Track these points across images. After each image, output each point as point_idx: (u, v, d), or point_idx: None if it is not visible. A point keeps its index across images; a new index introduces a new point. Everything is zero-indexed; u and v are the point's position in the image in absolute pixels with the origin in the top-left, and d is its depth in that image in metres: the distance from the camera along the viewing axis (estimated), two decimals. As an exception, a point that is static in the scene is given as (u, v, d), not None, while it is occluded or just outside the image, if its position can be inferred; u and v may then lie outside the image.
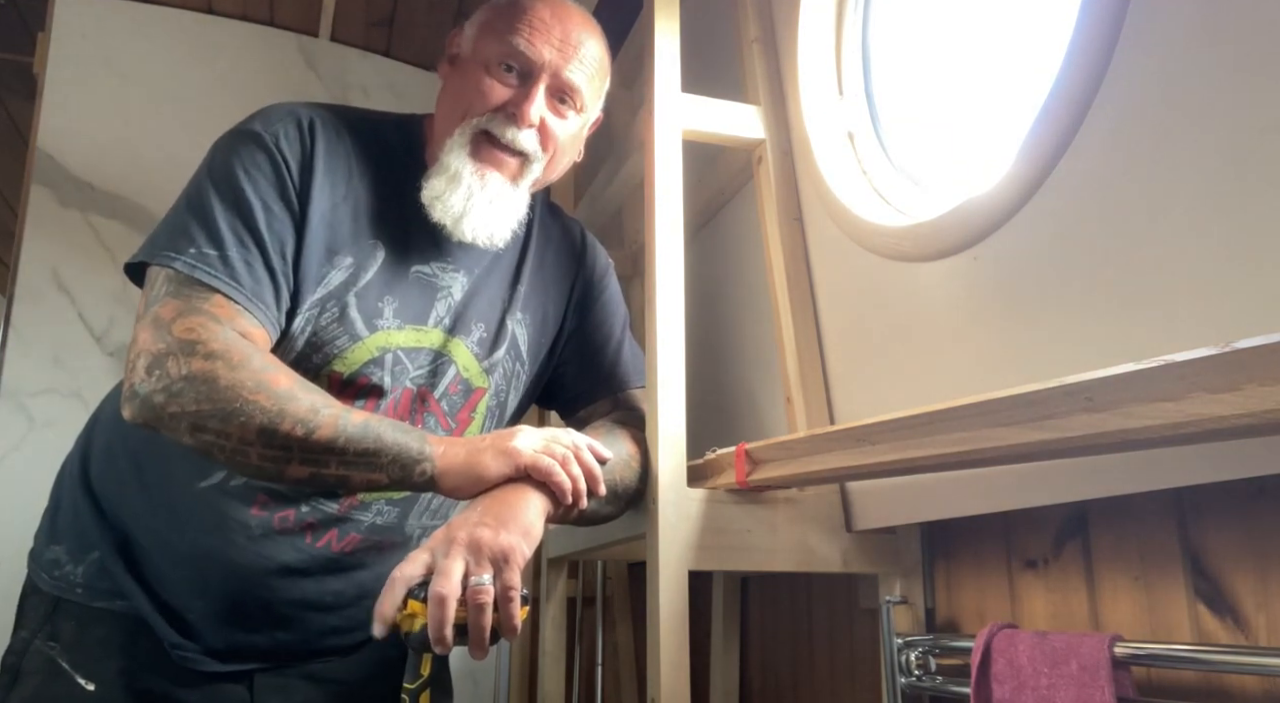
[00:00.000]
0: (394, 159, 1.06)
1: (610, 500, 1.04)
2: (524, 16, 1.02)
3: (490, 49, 1.03)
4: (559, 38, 1.03)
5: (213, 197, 0.94)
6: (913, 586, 1.11)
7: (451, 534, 0.85)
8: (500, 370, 1.11)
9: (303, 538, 1.01)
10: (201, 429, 0.86)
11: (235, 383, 0.86)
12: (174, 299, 0.90)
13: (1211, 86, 0.73)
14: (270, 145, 0.97)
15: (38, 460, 1.86)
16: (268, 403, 0.86)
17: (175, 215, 0.96)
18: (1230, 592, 0.76)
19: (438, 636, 0.79)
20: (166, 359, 0.87)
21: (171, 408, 0.86)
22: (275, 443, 0.87)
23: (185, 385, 0.86)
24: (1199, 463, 0.73)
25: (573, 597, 1.97)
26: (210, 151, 0.99)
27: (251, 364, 0.87)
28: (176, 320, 0.88)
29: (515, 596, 0.82)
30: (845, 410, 1.21)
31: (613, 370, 1.20)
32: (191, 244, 0.92)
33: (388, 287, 1.02)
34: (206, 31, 2.22)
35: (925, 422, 0.79)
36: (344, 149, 1.02)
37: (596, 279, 1.22)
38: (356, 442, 0.88)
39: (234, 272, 0.92)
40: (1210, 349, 0.56)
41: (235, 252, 0.92)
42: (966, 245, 0.99)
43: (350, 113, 1.07)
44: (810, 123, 1.31)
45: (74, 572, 1.02)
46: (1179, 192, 0.76)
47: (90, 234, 2.02)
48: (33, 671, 0.98)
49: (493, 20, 1.05)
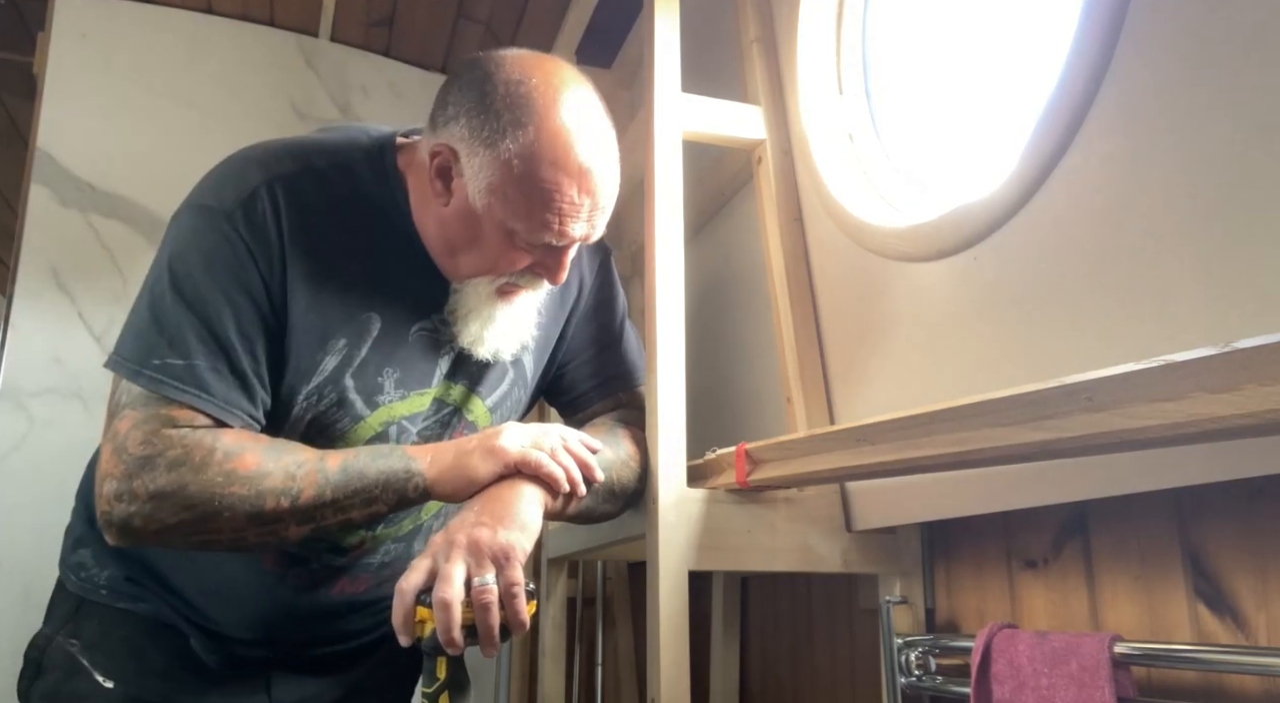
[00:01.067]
0: (375, 208, 0.97)
1: (609, 499, 1.04)
2: (550, 204, 0.90)
3: (513, 225, 0.92)
4: (588, 211, 0.93)
5: (174, 297, 0.88)
6: (913, 586, 1.11)
7: (451, 537, 0.86)
8: (506, 405, 1.11)
9: (315, 591, 1.02)
10: (191, 535, 0.86)
11: (206, 484, 0.85)
12: (133, 410, 0.87)
13: (1211, 86, 0.73)
14: (231, 233, 0.89)
15: (38, 460, 1.87)
16: (243, 491, 0.85)
17: (138, 318, 0.90)
18: (1230, 592, 0.76)
19: (447, 639, 0.80)
20: (132, 481, 0.85)
21: (151, 527, 0.85)
22: (266, 521, 0.87)
23: (157, 503, 0.84)
24: (1199, 463, 0.73)
25: (573, 597, 1.97)
26: (168, 234, 0.93)
27: (214, 458, 0.85)
28: (130, 434, 0.86)
29: (519, 592, 0.83)
30: (845, 410, 1.21)
31: (614, 370, 1.19)
32: (154, 354, 0.87)
33: (387, 358, 0.97)
34: (206, 31, 2.22)
35: (925, 422, 0.79)
36: (319, 222, 0.93)
37: (600, 276, 1.20)
38: (342, 487, 0.88)
39: (200, 380, 0.88)
40: (1210, 349, 0.56)
41: (202, 359, 0.88)
42: (966, 245, 0.99)
43: (317, 159, 0.96)
44: (810, 123, 1.31)
45: (99, 575, 1.04)
46: (1179, 191, 0.76)
47: (90, 234, 2.02)
48: (52, 667, 1.00)
49: (510, 194, 0.90)
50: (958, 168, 1.17)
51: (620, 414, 1.17)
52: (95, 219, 2.02)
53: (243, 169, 0.93)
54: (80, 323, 1.98)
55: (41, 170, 2.00)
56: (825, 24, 1.36)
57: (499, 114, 0.89)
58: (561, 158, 0.89)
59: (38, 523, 1.11)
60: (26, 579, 1.73)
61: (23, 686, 1.02)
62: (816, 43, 1.35)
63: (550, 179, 0.89)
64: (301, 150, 0.97)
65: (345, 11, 2.25)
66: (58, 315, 1.96)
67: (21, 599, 1.72)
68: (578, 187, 0.91)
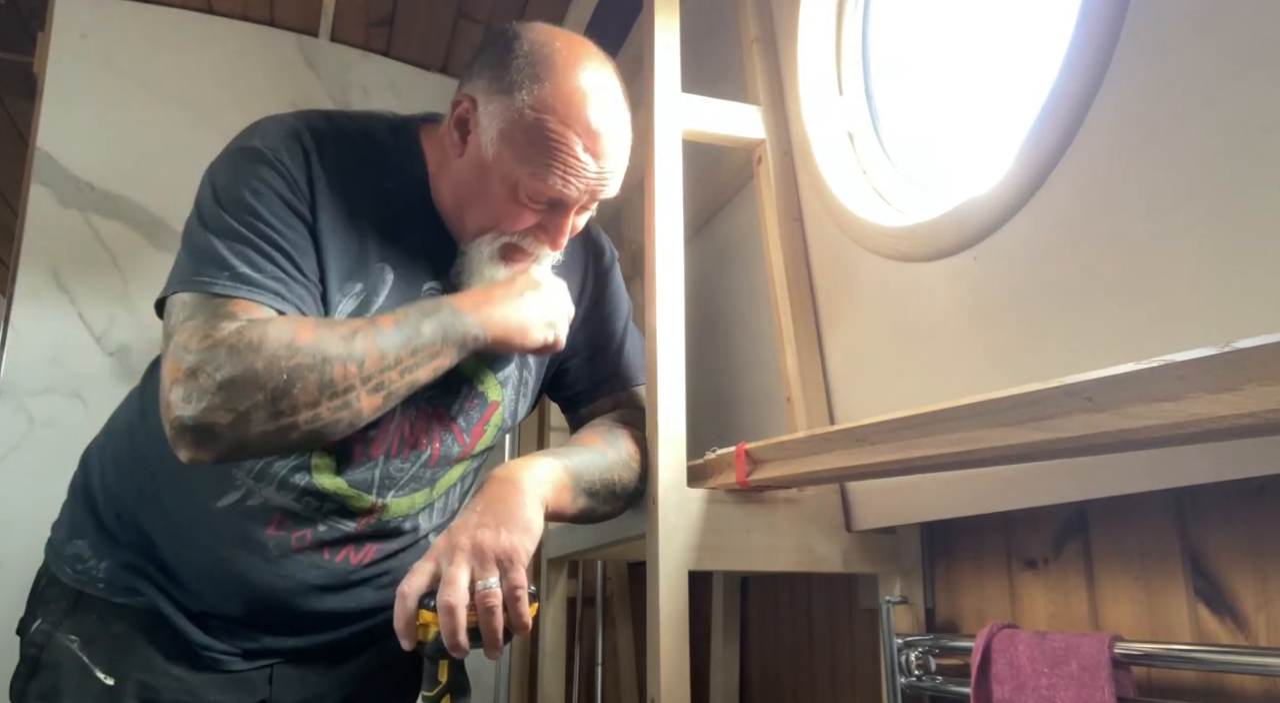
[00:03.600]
0: (394, 173, 1.02)
1: (610, 500, 1.04)
2: (556, 156, 0.94)
3: (518, 175, 0.95)
4: (594, 172, 0.96)
5: (226, 219, 0.90)
6: (913, 586, 1.11)
7: (454, 541, 0.86)
8: (512, 382, 1.11)
9: (320, 555, 1.01)
10: (269, 419, 0.83)
11: (270, 359, 0.83)
12: (189, 321, 0.86)
13: (1211, 86, 0.73)
14: (274, 162, 0.93)
15: (38, 460, 1.87)
16: (309, 360, 0.84)
17: (189, 244, 0.92)
18: (1230, 592, 0.76)
19: (452, 643, 0.81)
20: (198, 377, 0.83)
21: (229, 419, 0.82)
22: (338, 391, 0.86)
23: (228, 392, 0.82)
24: (1199, 463, 0.73)
25: (573, 597, 1.97)
26: (210, 173, 0.96)
27: (270, 336, 0.84)
28: (190, 339, 0.85)
29: (523, 594, 0.84)
30: (845, 410, 1.21)
31: (616, 368, 1.19)
32: (208, 270, 0.88)
33: None
34: (206, 31, 2.21)
35: (925, 422, 0.79)
36: (345, 166, 0.98)
37: (603, 273, 1.21)
38: (400, 347, 0.89)
39: (253, 280, 0.88)
40: (1210, 349, 0.56)
41: (253, 266, 0.89)
42: (966, 245, 0.99)
43: (346, 123, 1.02)
44: (810, 123, 1.31)
45: (96, 567, 1.02)
46: (1178, 191, 0.76)
47: (90, 234, 2.01)
48: (52, 663, 0.98)
49: (518, 140, 0.94)
50: (958, 168, 1.17)
51: (620, 414, 1.17)
52: (95, 219, 2.02)
53: (280, 119, 0.99)
54: (80, 323, 1.97)
55: (41, 170, 2.00)
56: (825, 24, 1.36)
57: (520, 68, 0.95)
58: (573, 115, 0.94)
59: (37, 523, 1.11)
60: (27, 579, 1.72)
61: (17, 684, 1.00)
62: (816, 43, 1.35)
63: (558, 132, 0.93)
64: (331, 116, 1.03)
65: (345, 11, 2.25)
66: (58, 315, 1.96)
67: (20, 599, 1.72)
68: (584, 145, 0.94)
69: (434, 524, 1.10)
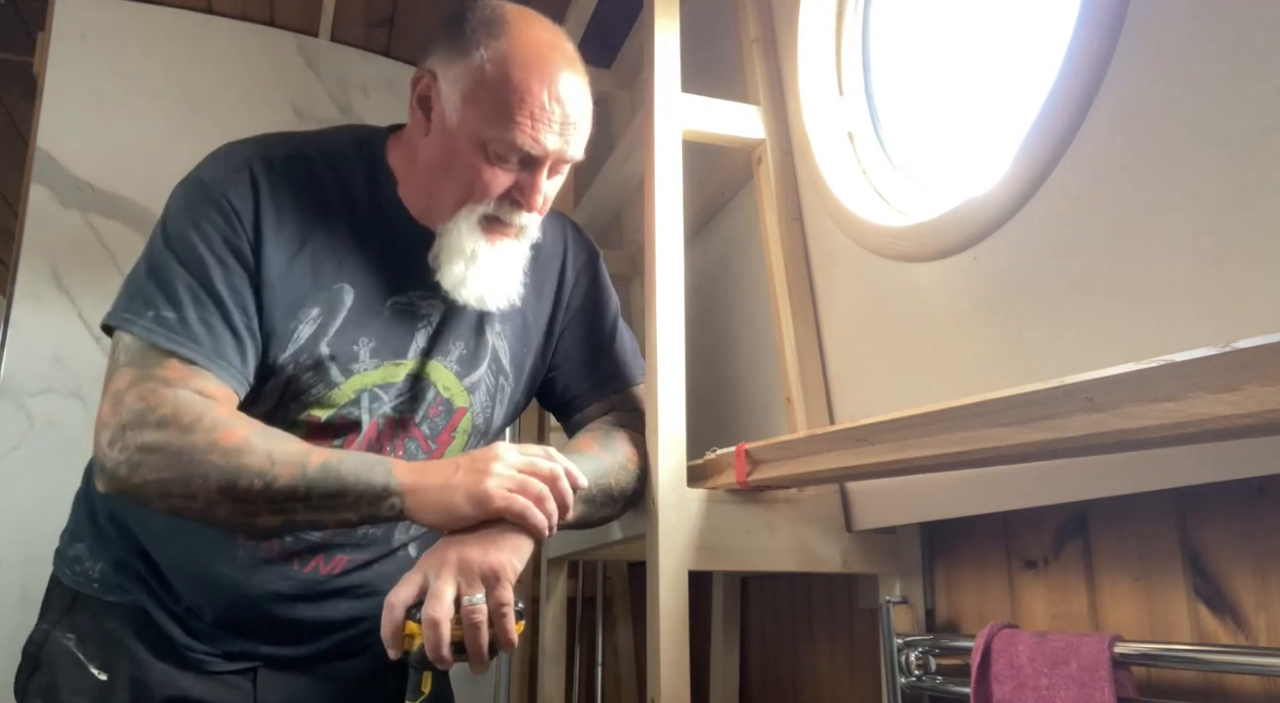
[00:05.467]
0: (356, 193, 1.02)
1: (608, 503, 1.04)
2: (521, 106, 0.94)
3: (486, 134, 0.95)
4: (559, 121, 0.96)
5: (168, 256, 0.94)
6: (913, 586, 1.11)
7: (443, 555, 0.87)
8: (483, 388, 1.10)
9: (290, 565, 1.02)
10: (167, 495, 0.87)
11: (187, 446, 0.86)
12: (130, 368, 0.90)
13: (1211, 86, 0.73)
14: (220, 199, 0.95)
15: (38, 460, 1.87)
16: (221, 461, 0.86)
17: (135, 277, 0.95)
18: (1230, 592, 0.76)
19: (435, 656, 0.82)
20: (125, 432, 0.87)
21: (135, 479, 0.87)
22: (238, 497, 0.87)
23: (143, 457, 0.87)
24: (1199, 463, 0.73)
25: (573, 597, 1.97)
26: (166, 204, 0.98)
27: (202, 424, 0.87)
28: (129, 390, 0.89)
29: (509, 612, 0.86)
30: (845, 410, 1.21)
31: (606, 372, 1.18)
32: (149, 307, 0.92)
33: (362, 327, 1.00)
34: (206, 31, 2.21)
35: (925, 422, 0.79)
36: (297, 198, 0.99)
37: (582, 274, 1.19)
38: (318, 485, 0.88)
39: (192, 332, 0.91)
40: (1210, 349, 0.56)
41: (193, 312, 0.92)
42: (966, 245, 0.99)
43: (306, 146, 1.02)
44: (810, 123, 1.31)
45: (92, 568, 1.05)
46: (1178, 191, 0.76)
47: (90, 234, 2.01)
48: (50, 660, 1.01)
49: (482, 98, 0.94)
50: (958, 168, 1.17)
51: (616, 416, 1.16)
52: (95, 219, 2.02)
53: (233, 148, 1.00)
54: (80, 323, 1.97)
55: (41, 170, 2.00)
56: (825, 24, 1.35)
57: (474, 30, 0.96)
58: (534, 63, 0.95)
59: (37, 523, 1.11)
60: (26, 579, 1.73)
61: (20, 682, 1.02)
62: (816, 43, 1.35)
63: (521, 81, 0.94)
64: (293, 138, 1.04)
65: (345, 11, 2.25)
66: (58, 315, 1.96)
67: (20, 599, 1.72)
68: (548, 92, 0.95)
69: (411, 535, 1.10)
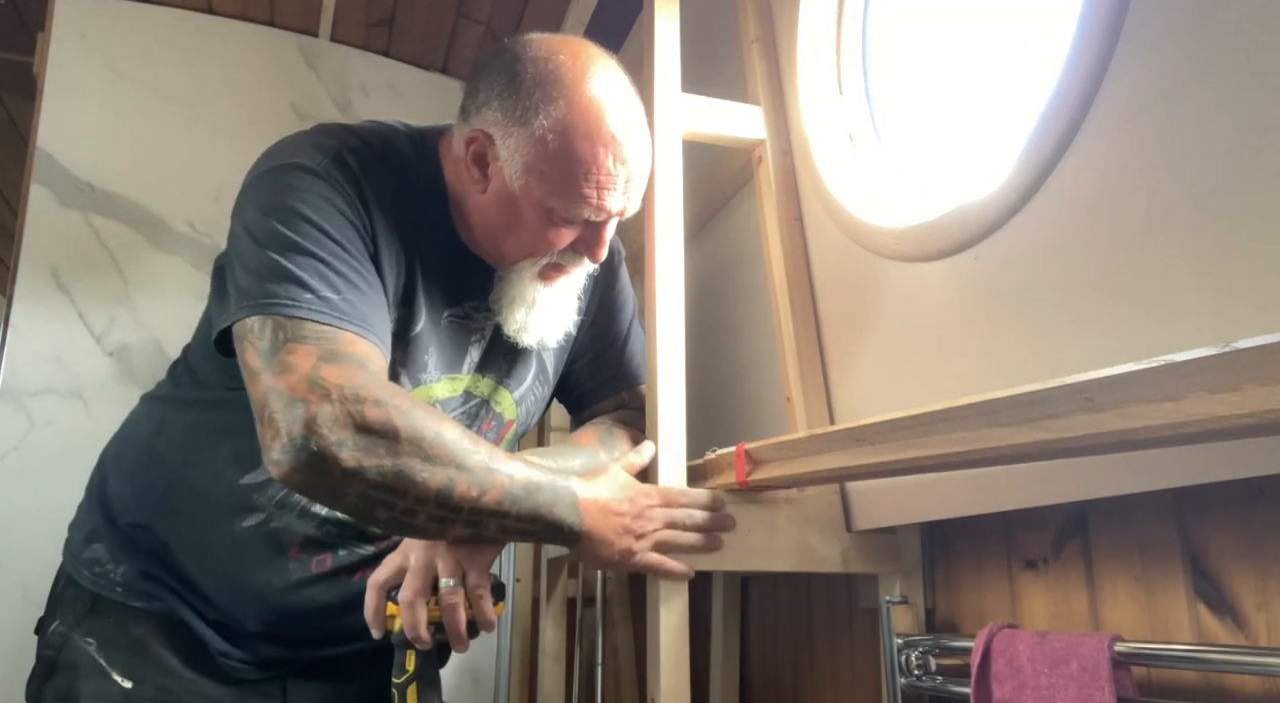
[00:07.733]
0: (419, 195, 0.99)
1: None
2: (588, 178, 0.92)
3: (551, 204, 0.93)
4: (624, 181, 0.94)
5: (293, 238, 0.86)
6: (913, 586, 1.11)
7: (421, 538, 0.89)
8: (530, 399, 1.12)
9: (339, 577, 1.02)
10: (377, 487, 0.80)
11: (417, 427, 0.81)
12: (302, 345, 0.81)
13: (1211, 87, 0.73)
14: (329, 178, 0.90)
15: (38, 460, 1.87)
16: (446, 459, 0.82)
17: (257, 266, 0.86)
18: (1230, 592, 0.76)
19: (413, 635, 0.86)
20: (347, 407, 0.78)
21: (349, 463, 0.78)
22: (449, 505, 0.83)
23: (367, 439, 0.79)
24: (1199, 463, 0.73)
25: (573, 597, 1.97)
26: (251, 195, 0.91)
27: (420, 408, 0.83)
28: (321, 365, 0.80)
29: (484, 594, 0.89)
30: (845, 410, 1.21)
31: (620, 368, 1.20)
32: (291, 290, 0.84)
33: (430, 336, 0.99)
34: (206, 31, 2.21)
35: (925, 422, 0.79)
36: (380, 189, 0.94)
37: (606, 275, 1.20)
38: (520, 504, 0.87)
39: (359, 312, 0.86)
40: (1210, 349, 0.56)
41: (338, 292, 0.86)
42: (966, 245, 0.99)
43: (375, 141, 0.98)
44: (810, 123, 1.31)
45: (114, 571, 1.01)
46: (1179, 192, 0.76)
47: (90, 234, 2.01)
48: (68, 665, 0.98)
49: (546, 171, 0.92)
50: (958, 168, 1.17)
51: (620, 414, 1.17)
52: (95, 219, 2.02)
53: (317, 139, 0.95)
54: (80, 323, 1.97)
55: (41, 170, 2.00)
56: (825, 24, 1.35)
57: (530, 92, 0.91)
58: (595, 129, 0.91)
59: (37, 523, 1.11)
60: (26, 579, 1.73)
61: (34, 686, 0.99)
62: (816, 43, 1.34)
63: (586, 151, 0.91)
64: (358, 131, 0.98)
65: (345, 11, 2.25)
66: (58, 315, 1.96)
67: (21, 599, 1.72)
68: (613, 156, 0.92)
69: None
